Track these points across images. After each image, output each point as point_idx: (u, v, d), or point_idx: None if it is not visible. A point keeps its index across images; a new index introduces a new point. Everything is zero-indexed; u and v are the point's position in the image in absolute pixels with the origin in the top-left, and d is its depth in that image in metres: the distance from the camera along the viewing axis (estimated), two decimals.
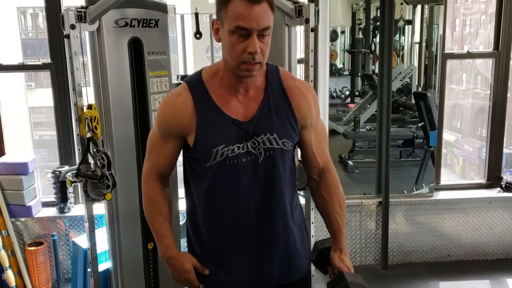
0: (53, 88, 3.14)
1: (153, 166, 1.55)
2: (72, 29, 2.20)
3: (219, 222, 1.51)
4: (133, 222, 2.56)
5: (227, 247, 1.52)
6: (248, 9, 1.30)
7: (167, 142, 1.50)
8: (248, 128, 1.44)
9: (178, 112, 1.45)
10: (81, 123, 2.27)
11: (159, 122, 1.50)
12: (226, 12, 1.33)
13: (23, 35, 11.19)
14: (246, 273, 1.53)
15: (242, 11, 1.30)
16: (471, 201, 3.41)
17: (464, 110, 10.87)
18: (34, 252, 3.04)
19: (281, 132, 1.46)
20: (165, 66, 2.57)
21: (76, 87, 2.26)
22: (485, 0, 9.88)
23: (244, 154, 1.43)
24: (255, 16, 1.31)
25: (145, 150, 2.36)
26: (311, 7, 2.30)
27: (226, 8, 1.33)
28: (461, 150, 10.34)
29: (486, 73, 3.63)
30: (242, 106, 1.45)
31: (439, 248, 3.46)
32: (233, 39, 1.34)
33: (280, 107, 1.47)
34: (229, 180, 1.45)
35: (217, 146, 1.41)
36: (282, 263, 1.54)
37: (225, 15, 1.34)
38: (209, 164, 1.43)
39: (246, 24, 1.31)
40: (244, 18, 1.30)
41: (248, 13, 1.30)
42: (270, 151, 1.45)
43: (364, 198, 3.38)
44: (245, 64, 1.36)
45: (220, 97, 1.45)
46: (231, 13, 1.32)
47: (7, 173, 3.02)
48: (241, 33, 1.32)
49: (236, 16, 1.31)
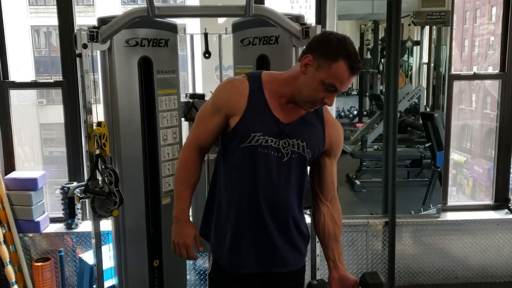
0: (64, 106, 3.19)
1: (197, 137, 1.72)
2: (84, 48, 2.26)
3: (235, 204, 1.67)
4: (139, 239, 2.58)
5: (237, 227, 1.67)
6: (349, 77, 1.52)
7: (214, 117, 1.66)
8: (285, 128, 1.63)
9: (235, 93, 1.63)
10: (91, 140, 2.31)
11: (215, 97, 1.68)
12: (329, 67, 1.51)
13: (36, 53, 11.38)
14: (249, 256, 1.68)
15: (344, 77, 1.51)
16: (479, 222, 3.38)
17: (473, 131, 10.81)
18: (40, 267, 3.05)
19: (310, 144, 1.65)
20: (174, 85, 2.62)
21: (86, 105, 2.31)
22: (494, 21, 9.91)
23: (274, 148, 1.62)
24: (348, 83, 1.54)
25: (153, 167, 2.50)
26: (318, 29, 2.34)
27: (331, 63, 1.51)
28: (471, 171, 10.24)
29: (496, 94, 3.62)
30: (285, 111, 1.64)
31: (447, 270, 3.41)
32: (321, 88, 1.54)
33: (315, 127, 1.69)
34: (254, 165, 1.62)
35: (256, 132, 1.60)
36: (281, 252, 1.70)
37: (326, 67, 1.51)
38: (243, 145, 1.61)
39: (340, 87, 1.53)
40: (341, 82, 1.52)
41: (347, 80, 1.52)
42: (296, 154, 1.64)
43: (371, 218, 3.36)
44: (313, 104, 1.59)
45: (271, 97, 1.64)
46: (334, 71, 1.51)
47: (16, 188, 3.06)
48: (330, 89, 1.53)
49: (336, 76, 1.51)
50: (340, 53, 1.50)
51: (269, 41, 2.52)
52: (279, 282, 1.74)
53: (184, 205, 1.73)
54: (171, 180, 2.64)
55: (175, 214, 1.74)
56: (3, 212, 3.00)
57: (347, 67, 1.50)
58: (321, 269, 2.63)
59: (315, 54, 1.53)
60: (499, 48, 3.46)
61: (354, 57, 1.50)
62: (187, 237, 1.72)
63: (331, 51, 1.51)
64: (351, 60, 1.49)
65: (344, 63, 1.49)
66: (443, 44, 3.62)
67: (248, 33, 2.57)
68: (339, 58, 1.49)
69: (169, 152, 2.62)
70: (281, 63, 2.49)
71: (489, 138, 10.02)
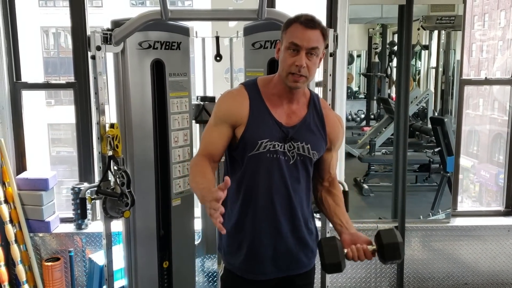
0: (75, 107, 3.21)
1: (204, 148, 1.73)
2: (98, 50, 2.28)
3: (250, 212, 1.69)
4: (149, 240, 2.58)
5: (254, 235, 1.70)
6: (302, 30, 1.59)
7: (219, 127, 1.68)
8: (289, 132, 1.67)
9: (236, 104, 1.68)
10: (103, 141, 2.32)
11: (217, 111, 1.71)
12: (285, 33, 1.62)
13: (45, 54, 11.46)
14: (267, 261, 1.72)
15: (297, 32, 1.59)
16: (489, 228, 3.36)
17: (480, 136, 10.76)
18: (50, 267, 3.07)
19: (314, 145, 1.70)
20: (185, 87, 2.63)
21: (99, 106, 2.33)
22: (502, 26, 9.87)
23: (281, 152, 1.66)
24: (306, 37, 1.58)
25: (163, 168, 2.46)
26: (330, 33, 2.34)
27: (286, 30, 1.62)
28: (478, 176, 10.19)
29: (503, 98, 3.60)
30: (286, 114, 1.69)
31: (456, 276, 3.40)
32: (287, 54, 1.61)
33: (316, 126, 1.73)
34: (265, 170, 1.66)
35: (262, 138, 1.64)
36: (296, 255, 1.74)
37: (284, 35, 1.63)
38: (251, 154, 1.65)
39: (298, 41, 1.58)
40: (297, 37, 1.58)
41: (301, 34, 1.58)
42: (301, 157, 1.69)
43: (380, 223, 3.35)
44: (292, 75, 1.60)
45: (270, 102, 1.68)
46: (289, 33, 1.61)
47: (27, 188, 3.08)
48: (293, 48, 1.59)
49: (292, 35, 1.60)
50: (291, 20, 1.63)
51: None
52: (294, 281, 1.78)
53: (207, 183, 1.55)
54: (181, 181, 2.65)
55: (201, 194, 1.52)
56: (14, 212, 3.02)
57: (299, 23, 1.59)
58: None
59: (280, 38, 1.66)
60: (507, 53, 3.44)
61: (305, 17, 1.60)
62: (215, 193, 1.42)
63: (285, 25, 1.64)
64: (301, 18, 1.60)
65: (296, 23, 1.60)
66: (452, 49, 3.61)
67: (260, 37, 2.58)
68: (291, 23, 1.62)
69: (180, 154, 2.63)
70: None
71: (496, 143, 9.98)
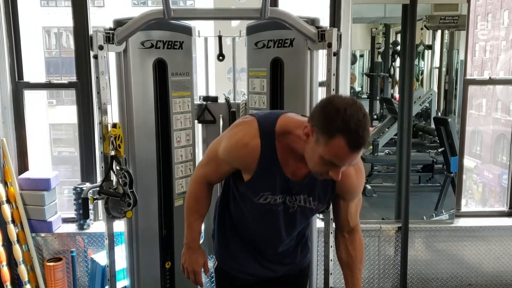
0: (77, 106, 3.20)
1: (205, 175, 1.71)
2: (100, 49, 2.27)
3: (245, 238, 1.76)
4: (152, 240, 2.58)
5: (245, 253, 1.79)
6: (349, 154, 1.34)
7: (224, 166, 1.64)
8: (294, 186, 1.60)
9: (244, 155, 1.55)
10: (105, 141, 2.31)
11: (224, 153, 1.60)
12: (326, 143, 1.35)
13: (46, 54, 11.48)
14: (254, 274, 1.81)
15: (342, 155, 1.34)
16: (493, 229, 3.34)
17: (484, 136, 10.73)
18: (52, 267, 3.06)
19: (318, 198, 1.64)
20: (188, 87, 2.62)
21: (102, 106, 2.32)
22: (505, 26, 9.84)
23: (281, 203, 1.63)
24: (350, 160, 1.37)
25: (166, 168, 2.52)
26: (334, 32, 2.33)
27: (328, 139, 1.34)
28: (481, 176, 10.17)
29: (507, 99, 3.58)
30: (296, 167, 1.56)
31: (460, 277, 3.38)
32: (321, 162, 1.40)
33: (325, 181, 1.58)
34: (262, 216, 1.66)
35: (265, 191, 1.60)
36: (283, 271, 1.84)
37: (324, 142, 1.35)
38: (252, 199, 1.63)
39: (341, 164, 1.38)
40: (341, 160, 1.36)
41: (347, 158, 1.35)
42: (302, 208, 1.65)
43: (383, 223, 3.33)
44: (321, 176, 1.47)
45: (283, 154, 1.55)
46: (331, 148, 1.34)
47: (29, 188, 3.07)
48: (331, 165, 1.39)
49: (335, 154, 1.35)
50: (337, 128, 1.31)
51: (284, 44, 2.51)
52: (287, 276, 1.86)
53: (195, 234, 1.78)
54: (184, 182, 2.64)
55: (186, 241, 1.79)
56: (16, 212, 3.01)
57: (346, 144, 1.31)
58: (334, 274, 2.62)
59: (314, 124, 1.38)
60: (510, 52, 3.43)
61: (354, 133, 1.31)
62: (196, 264, 1.80)
63: (328, 125, 1.33)
64: (351, 137, 1.31)
65: (342, 140, 1.31)
66: (455, 49, 3.59)
67: (263, 36, 2.57)
68: (336, 134, 1.32)
69: (182, 154, 2.62)
70: (296, 66, 2.48)
71: (500, 143, 9.94)
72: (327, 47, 2.34)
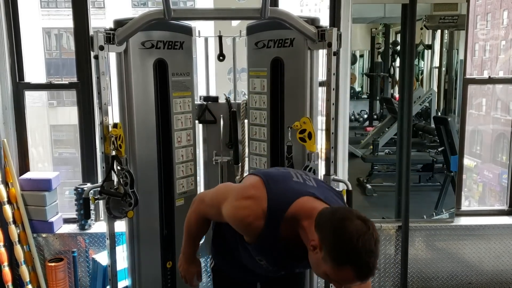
0: (78, 107, 3.21)
1: (207, 214, 1.76)
2: (100, 50, 2.27)
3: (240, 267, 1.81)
4: (153, 240, 2.58)
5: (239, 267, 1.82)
6: (355, 283, 1.33)
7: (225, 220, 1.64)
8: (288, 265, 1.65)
9: (245, 230, 1.55)
10: (106, 141, 2.32)
11: (226, 218, 1.59)
12: (334, 268, 1.31)
13: (47, 55, 11.47)
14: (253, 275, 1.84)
15: (349, 282, 1.33)
16: (493, 227, 3.35)
17: (484, 136, 10.73)
18: (54, 268, 3.07)
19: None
20: (188, 87, 2.63)
21: (102, 106, 2.32)
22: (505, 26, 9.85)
23: (275, 270, 1.70)
24: (358, 286, 1.39)
25: (167, 168, 2.54)
26: (334, 32, 2.33)
27: (337, 266, 1.31)
28: (481, 176, 10.17)
29: (506, 98, 3.58)
30: (296, 249, 1.51)
31: (460, 275, 3.38)
32: (327, 276, 1.37)
33: None
34: (254, 265, 1.70)
35: (260, 257, 1.61)
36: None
37: (332, 266, 1.32)
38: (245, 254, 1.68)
39: (346, 287, 1.38)
40: (347, 285, 1.37)
41: (353, 284, 1.35)
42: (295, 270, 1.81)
43: (384, 222, 3.34)
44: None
45: (287, 235, 1.49)
46: (338, 274, 1.32)
47: (31, 189, 3.08)
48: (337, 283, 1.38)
49: (341, 279, 1.34)
50: (348, 259, 1.28)
51: (284, 44, 2.52)
52: None
53: (192, 250, 1.90)
54: (185, 182, 2.65)
55: (183, 251, 1.91)
56: (17, 213, 3.02)
57: (354, 275, 1.29)
58: None
59: (323, 241, 1.34)
60: (510, 52, 3.43)
61: (365, 265, 1.27)
62: (190, 273, 1.93)
63: (339, 253, 1.29)
64: (360, 269, 1.28)
65: (350, 271, 1.29)
66: (455, 48, 3.60)
67: (263, 36, 2.57)
68: (346, 264, 1.28)
69: (183, 154, 2.63)
70: (296, 67, 2.49)
71: (499, 142, 9.94)
72: (327, 47, 2.35)
